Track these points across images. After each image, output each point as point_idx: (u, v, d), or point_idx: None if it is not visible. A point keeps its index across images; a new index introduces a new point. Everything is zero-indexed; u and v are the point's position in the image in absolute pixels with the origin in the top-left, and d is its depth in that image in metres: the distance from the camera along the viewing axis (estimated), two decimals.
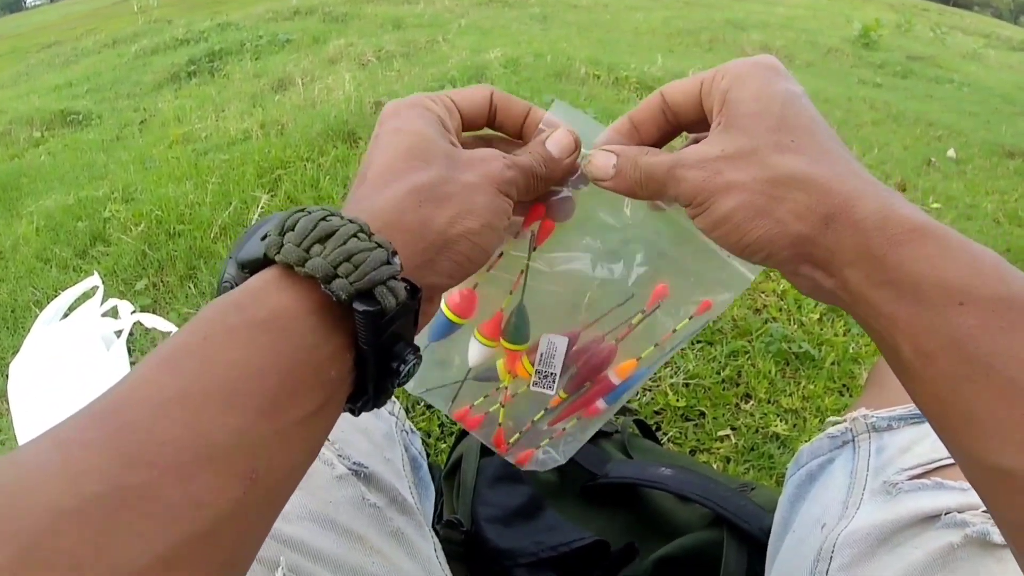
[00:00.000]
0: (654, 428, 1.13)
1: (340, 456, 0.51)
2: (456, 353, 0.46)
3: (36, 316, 0.99)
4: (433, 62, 3.21)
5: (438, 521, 0.73)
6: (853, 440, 0.55)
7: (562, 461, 0.48)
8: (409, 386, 0.46)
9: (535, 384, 0.44)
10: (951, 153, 2.74)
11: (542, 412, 0.46)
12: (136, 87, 3.83)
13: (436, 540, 0.47)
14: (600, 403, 0.46)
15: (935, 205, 2.17)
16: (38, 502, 0.21)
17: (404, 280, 0.29)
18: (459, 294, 0.43)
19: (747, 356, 1.31)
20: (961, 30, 7.27)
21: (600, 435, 0.90)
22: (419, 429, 1.14)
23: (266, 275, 0.28)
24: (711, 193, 0.34)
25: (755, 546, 0.65)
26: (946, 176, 2.49)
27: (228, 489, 0.23)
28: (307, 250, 0.27)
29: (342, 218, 0.29)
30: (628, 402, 1.20)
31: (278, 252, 0.28)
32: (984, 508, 0.43)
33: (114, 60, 4.66)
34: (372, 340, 0.28)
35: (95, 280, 0.96)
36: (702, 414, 1.19)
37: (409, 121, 0.35)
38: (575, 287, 0.44)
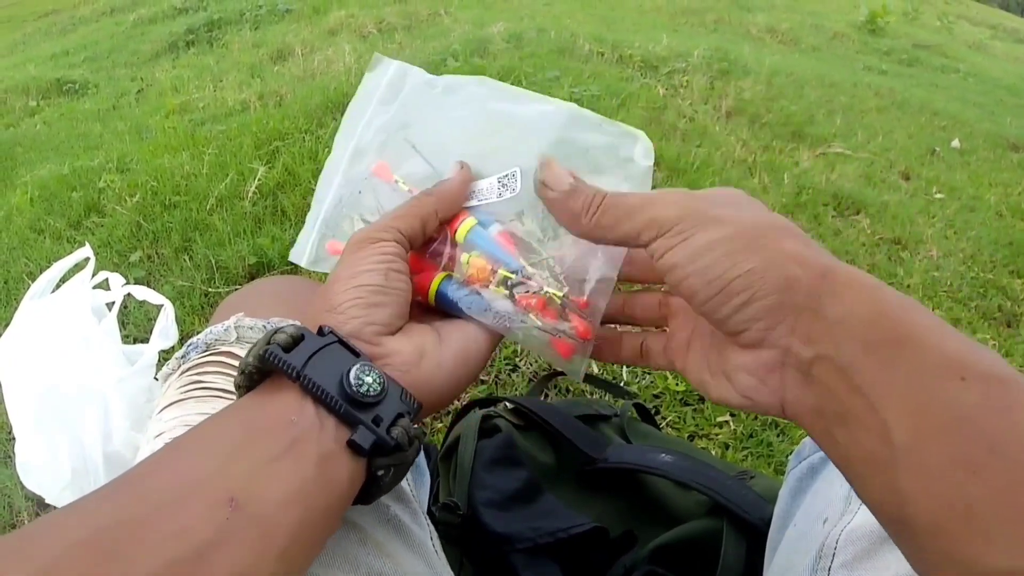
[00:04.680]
0: (653, 412, 1.12)
1: None
2: None
3: (29, 288, 0.97)
4: (435, 35, 3.16)
5: (434, 503, 0.72)
6: None
7: None
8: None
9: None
10: (955, 143, 2.71)
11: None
12: (133, 56, 3.77)
13: (432, 528, 0.46)
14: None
15: (939, 195, 2.15)
16: (56, 533, 0.25)
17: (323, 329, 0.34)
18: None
19: None
20: (968, 20, 7.19)
21: (599, 419, 0.88)
22: None
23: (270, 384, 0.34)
24: (696, 222, 0.32)
25: (755, 536, 0.64)
26: (950, 166, 2.46)
27: (211, 515, 0.27)
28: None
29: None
30: (627, 385, 1.19)
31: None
32: None
33: (112, 29, 4.58)
34: (294, 369, 0.31)
35: (86, 251, 0.94)
36: (701, 399, 1.18)
37: None
38: None
